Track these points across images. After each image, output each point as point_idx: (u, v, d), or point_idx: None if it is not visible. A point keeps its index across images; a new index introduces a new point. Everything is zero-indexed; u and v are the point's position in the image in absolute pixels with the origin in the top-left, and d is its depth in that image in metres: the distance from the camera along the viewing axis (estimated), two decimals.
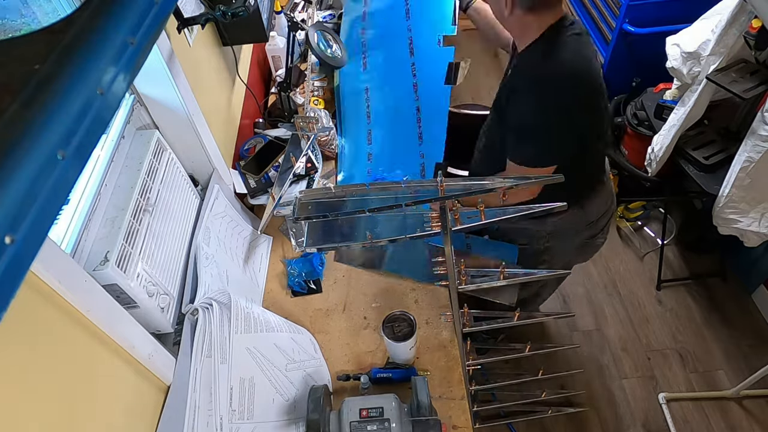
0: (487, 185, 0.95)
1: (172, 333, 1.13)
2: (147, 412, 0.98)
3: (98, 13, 0.45)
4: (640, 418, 2.00)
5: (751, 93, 1.65)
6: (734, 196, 1.74)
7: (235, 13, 1.17)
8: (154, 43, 0.61)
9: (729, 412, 1.98)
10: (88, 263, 0.93)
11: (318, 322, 1.37)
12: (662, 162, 2.05)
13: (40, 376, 0.72)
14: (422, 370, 1.26)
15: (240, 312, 1.19)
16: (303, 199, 1.04)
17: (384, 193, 1.04)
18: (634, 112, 2.30)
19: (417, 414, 1.03)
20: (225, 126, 1.57)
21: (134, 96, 1.18)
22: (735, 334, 2.19)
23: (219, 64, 1.55)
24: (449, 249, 1.02)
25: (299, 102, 1.83)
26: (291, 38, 1.66)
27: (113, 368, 0.89)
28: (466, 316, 1.21)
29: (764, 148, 1.57)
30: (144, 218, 1.06)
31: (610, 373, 2.12)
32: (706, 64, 1.76)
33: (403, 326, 1.18)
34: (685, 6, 2.11)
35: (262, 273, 1.48)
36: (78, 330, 0.80)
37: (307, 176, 1.57)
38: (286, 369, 1.21)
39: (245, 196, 1.55)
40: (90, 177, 1.02)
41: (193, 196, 1.32)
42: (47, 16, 0.88)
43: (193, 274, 1.21)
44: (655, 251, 2.46)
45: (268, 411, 1.14)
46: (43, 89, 0.38)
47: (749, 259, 2.22)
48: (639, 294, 2.35)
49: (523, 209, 0.97)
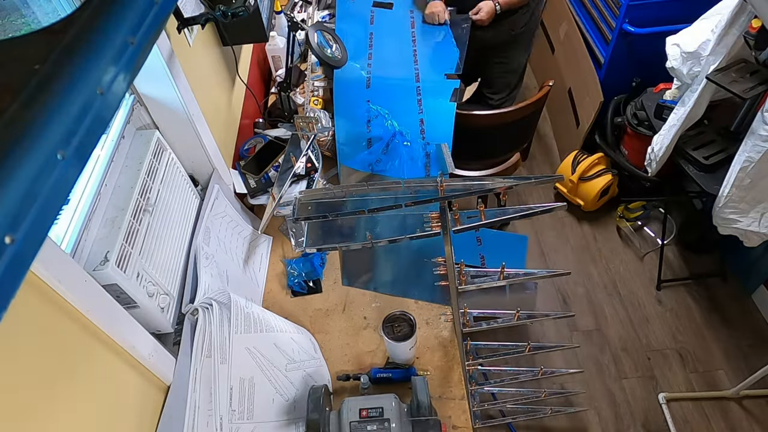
0: (487, 185, 0.95)
1: (172, 333, 1.13)
2: (147, 412, 0.98)
3: (98, 13, 0.45)
4: (640, 418, 2.00)
5: (751, 93, 1.65)
6: (734, 196, 1.74)
7: (235, 13, 1.17)
8: (154, 43, 0.61)
9: (729, 412, 1.98)
10: (88, 263, 0.93)
11: (318, 322, 1.37)
12: (662, 162, 2.05)
13: (40, 376, 0.72)
14: (422, 370, 1.26)
15: (240, 312, 1.19)
16: (303, 199, 1.04)
17: (384, 193, 1.04)
18: (634, 112, 2.30)
19: (417, 414, 1.03)
20: (225, 126, 1.57)
21: (134, 96, 1.18)
22: (735, 334, 2.19)
23: (219, 64, 1.55)
24: (449, 249, 1.02)
25: (299, 102, 1.83)
26: (291, 38, 1.66)
27: (113, 368, 0.89)
28: (466, 316, 1.21)
29: (764, 148, 1.57)
30: (144, 218, 1.06)
31: (610, 373, 2.12)
32: (706, 64, 1.76)
33: (403, 326, 1.18)
34: (685, 6, 2.11)
35: (262, 273, 1.48)
36: (78, 330, 0.80)
37: (307, 176, 1.57)
38: (286, 369, 1.21)
39: (245, 196, 1.55)
40: (90, 177, 1.02)
41: (193, 196, 1.32)
42: (47, 16, 0.88)
43: (193, 274, 1.21)
44: (655, 251, 2.46)
45: (268, 411, 1.14)
46: (43, 89, 0.38)
47: (749, 259, 2.22)
48: (639, 294, 2.35)
49: (524, 209, 0.97)
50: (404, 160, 1.59)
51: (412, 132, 1.65)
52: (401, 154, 1.60)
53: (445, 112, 1.70)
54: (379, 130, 1.65)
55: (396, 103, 1.73)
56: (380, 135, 1.63)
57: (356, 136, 1.65)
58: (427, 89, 1.78)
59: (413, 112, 1.71)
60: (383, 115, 1.68)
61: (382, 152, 1.59)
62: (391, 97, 1.75)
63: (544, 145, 2.98)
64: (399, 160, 1.59)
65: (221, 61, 1.56)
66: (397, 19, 2.08)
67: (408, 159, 1.59)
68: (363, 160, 1.60)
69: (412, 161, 1.59)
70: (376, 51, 1.92)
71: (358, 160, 1.60)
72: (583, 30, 2.57)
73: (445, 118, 1.69)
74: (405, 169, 1.58)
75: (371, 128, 1.65)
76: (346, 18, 2.03)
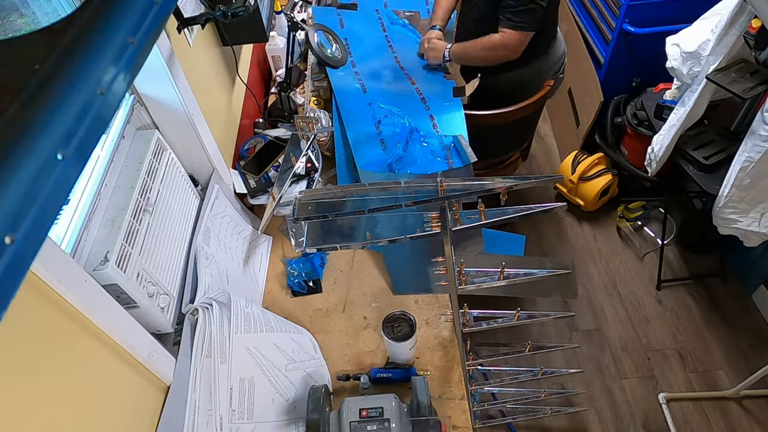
0: (487, 185, 0.95)
1: (172, 333, 1.13)
2: (147, 412, 0.98)
3: (98, 13, 0.45)
4: (640, 418, 2.00)
5: (751, 93, 1.65)
6: (734, 196, 1.74)
7: (235, 13, 1.17)
8: (154, 43, 0.61)
9: (729, 412, 1.98)
10: (88, 263, 0.93)
11: (318, 322, 1.37)
12: (662, 162, 2.05)
13: (40, 376, 0.72)
14: (422, 370, 1.26)
15: (240, 312, 1.19)
16: (303, 199, 1.04)
17: (384, 193, 1.04)
18: (634, 112, 2.30)
19: (417, 414, 1.03)
20: (225, 126, 1.57)
21: (134, 96, 1.18)
22: (735, 334, 2.19)
23: (219, 64, 1.55)
24: (449, 249, 1.02)
25: (299, 102, 1.83)
26: (291, 38, 1.66)
27: (113, 368, 0.89)
28: (466, 316, 1.21)
29: (764, 148, 1.57)
30: (144, 218, 1.06)
31: (610, 373, 2.12)
32: (706, 64, 1.76)
33: (403, 326, 1.18)
34: (685, 6, 2.11)
35: (262, 273, 1.48)
36: (78, 330, 0.80)
37: (307, 176, 1.57)
38: (286, 369, 1.21)
39: (245, 196, 1.55)
40: (90, 177, 1.02)
41: (193, 196, 1.32)
42: (47, 16, 0.88)
43: (193, 274, 1.21)
44: (655, 251, 2.46)
45: (268, 411, 1.14)
46: (43, 89, 0.38)
47: (749, 259, 2.22)
48: (639, 294, 2.35)
49: (524, 209, 0.97)
50: (426, 155, 1.58)
51: (424, 129, 1.65)
52: (422, 149, 1.60)
53: (452, 105, 1.71)
54: (390, 130, 1.64)
55: (401, 103, 1.72)
56: (393, 134, 1.62)
57: (367, 138, 1.64)
58: (427, 90, 1.78)
59: (421, 110, 1.71)
60: (396, 113, 1.67)
61: (402, 150, 1.59)
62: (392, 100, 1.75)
63: (544, 145, 2.98)
64: (420, 156, 1.59)
65: (221, 61, 1.56)
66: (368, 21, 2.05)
67: (429, 153, 1.59)
68: (380, 160, 1.57)
69: (432, 155, 1.58)
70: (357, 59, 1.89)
71: (375, 162, 1.57)
72: (583, 30, 2.57)
73: (453, 109, 1.69)
74: (426, 164, 1.57)
75: (381, 129, 1.64)
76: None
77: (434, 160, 1.57)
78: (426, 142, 1.61)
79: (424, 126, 1.65)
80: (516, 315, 1.19)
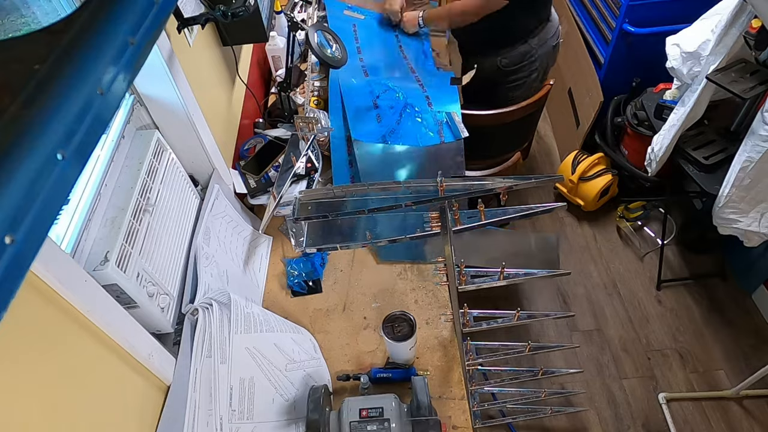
0: (487, 185, 0.95)
1: (172, 333, 1.13)
2: (147, 412, 0.98)
3: (98, 13, 0.45)
4: (640, 418, 2.00)
5: (751, 93, 1.65)
6: (734, 195, 1.74)
7: (235, 13, 1.17)
8: (154, 43, 0.61)
9: (729, 412, 1.99)
10: (88, 263, 0.93)
11: (318, 322, 1.37)
12: (662, 162, 2.05)
13: (40, 377, 0.72)
14: (422, 370, 1.26)
15: (240, 312, 1.19)
16: (303, 199, 1.04)
17: (384, 193, 1.04)
18: (634, 112, 2.30)
19: (417, 414, 1.03)
20: (225, 126, 1.57)
21: (134, 96, 1.18)
22: (735, 334, 2.19)
23: (219, 64, 1.55)
24: (449, 249, 1.02)
25: (299, 102, 1.83)
26: (291, 38, 1.66)
27: (113, 368, 0.89)
28: (466, 315, 1.21)
29: (764, 148, 1.57)
30: (144, 218, 1.06)
31: (610, 373, 2.12)
32: (706, 64, 1.76)
33: (403, 326, 1.18)
34: (685, 6, 2.11)
35: (262, 273, 1.48)
36: (78, 330, 0.80)
37: (307, 176, 1.57)
38: (286, 369, 1.21)
39: (245, 196, 1.55)
40: (90, 177, 1.02)
41: (193, 196, 1.32)
42: (47, 16, 0.88)
43: (193, 274, 1.21)
44: (655, 251, 2.46)
45: (268, 411, 1.14)
46: (43, 89, 0.38)
47: (749, 259, 2.22)
48: (639, 294, 2.35)
49: (524, 209, 0.97)
50: (418, 129, 1.63)
51: (419, 105, 1.71)
52: (414, 124, 1.65)
53: (448, 87, 1.77)
54: (386, 104, 1.70)
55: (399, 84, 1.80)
56: (388, 108, 1.68)
57: (365, 111, 1.70)
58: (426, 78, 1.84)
59: (417, 90, 1.78)
60: (392, 88, 1.73)
61: (395, 122, 1.63)
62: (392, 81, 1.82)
63: (544, 145, 2.99)
64: (413, 129, 1.63)
65: (221, 61, 1.56)
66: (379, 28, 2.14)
67: (421, 127, 1.64)
68: (374, 131, 1.63)
69: (425, 129, 1.63)
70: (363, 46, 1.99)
71: (368, 133, 1.62)
72: (583, 30, 2.57)
73: (448, 91, 1.75)
74: (419, 138, 1.62)
75: (378, 104, 1.71)
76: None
77: (426, 134, 1.62)
78: (420, 118, 1.66)
79: (419, 103, 1.71)
80: (516, 315, 1.19)
